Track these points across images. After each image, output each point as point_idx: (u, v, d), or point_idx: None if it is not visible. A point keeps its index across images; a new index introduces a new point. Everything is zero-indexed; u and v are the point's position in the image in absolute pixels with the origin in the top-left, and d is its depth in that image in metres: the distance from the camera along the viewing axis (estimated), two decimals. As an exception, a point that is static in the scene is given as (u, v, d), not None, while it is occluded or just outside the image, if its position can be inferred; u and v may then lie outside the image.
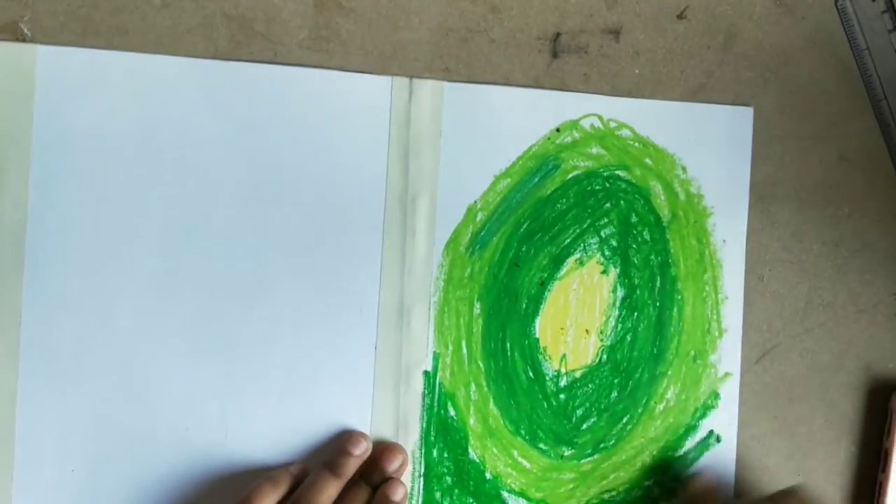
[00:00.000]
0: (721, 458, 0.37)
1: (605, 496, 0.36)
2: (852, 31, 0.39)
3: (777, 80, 0.39)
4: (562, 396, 0.36)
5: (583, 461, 0.36)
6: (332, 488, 0.32)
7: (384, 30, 0.36)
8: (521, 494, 0.36)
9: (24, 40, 0.33)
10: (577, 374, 0.36)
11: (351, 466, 0.33)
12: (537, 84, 0.37)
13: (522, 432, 0.36)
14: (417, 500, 0.35)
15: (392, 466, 0.33)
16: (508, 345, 0.36)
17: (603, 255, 0.37)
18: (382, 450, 0.34)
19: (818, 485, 0.38)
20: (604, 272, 0.37)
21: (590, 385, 0.36)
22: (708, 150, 0.37)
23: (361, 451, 0.33)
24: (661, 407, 0.37)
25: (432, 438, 0.35)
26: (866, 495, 0.38)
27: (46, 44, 0.33)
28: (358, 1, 0.36)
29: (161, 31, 0.34)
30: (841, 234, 0.39)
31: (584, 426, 0.36)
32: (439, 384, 0.35)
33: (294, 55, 0.35)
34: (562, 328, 0.36)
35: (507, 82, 0.37)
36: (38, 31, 0.33)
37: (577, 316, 0.36)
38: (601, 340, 0.36)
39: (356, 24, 0.36)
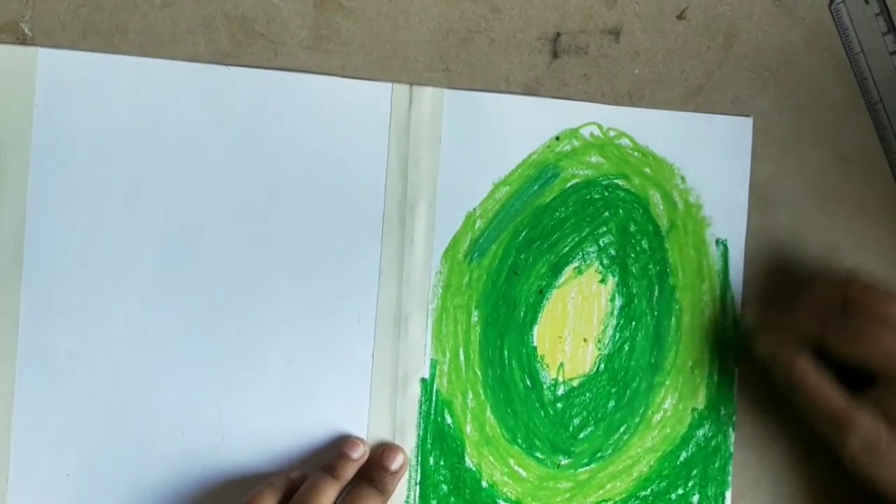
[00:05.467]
0: (720, 461, 0.45)
1: (601, 506, 0.44)
2: (847, 34, 0.46)
3: (776, 81, 0.46)
4: (559, 405, 0.44)
5: (579, 470, 0.44)
6: (330, 491, 0.39)
7: (384, 30, 0.44)
8: (517, 503, 0.44)
9: (24, 40, 0.41)
10: (575, 383, 0.44)
11: (349, 470, 0.41)
12: (537, 83, 0.45)
13: (519, 441, 0.44)
14: (414, 508, 0.43)
15: (394, 465, 0.41)
16: (506, 353, 0.44)
17: (601, 263, 0.45)
18: (383, 450, 0.42)
19: (819, 487, 0.46)
20: (602, 281, 0.45)
21: (587, 394, 0.44)
22: (707, 159, 0.45)
23: (359, 454, 0.41)
24: (658, 417, 0.45)
25: (429, 446, 0.43)
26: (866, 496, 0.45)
27: (47, 44, 0.41)
28: (358, 1, 0.43)
29: (161, 30, 0.42)
30: (841, 236, 0.46)
31: (581, 435, 0.44)
32: (436, 392, 0.43)
33: (294, 55, 0.43)
34: (560, 337, 0.44)
35: (508, 82, 0.44)
36: (39, 31, 0.41)
37: (575, 324, 0.44)
38: (599, 349, 0.45)
39: (356, 24, 0.43)
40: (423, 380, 0.44)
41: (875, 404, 0.39)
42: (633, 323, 0.45)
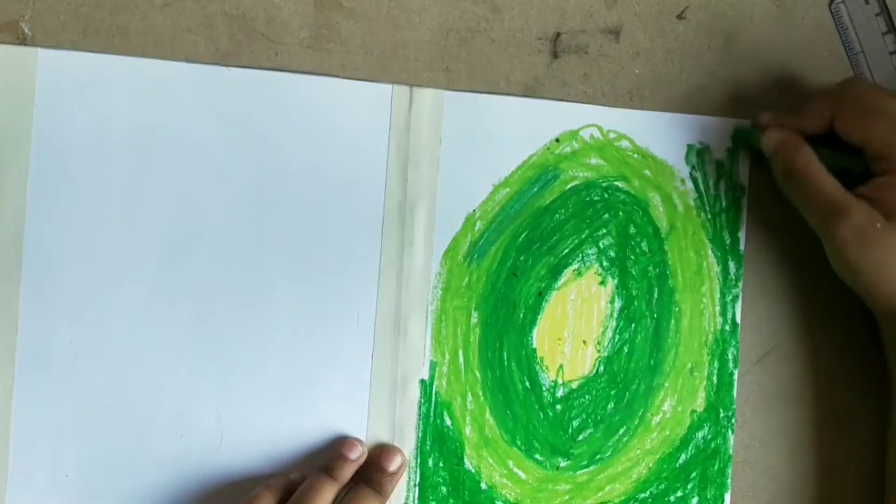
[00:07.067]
0: (720, 463, 0.47)
1: (600, 508, 0.46)
2: (847, 34, 0.48)
3: (776, 81, 0.48)
4: (558, 407, 0.46)
5: (578, 472, 0.46)
6: (328, 491, 0.41)
7: (385, 29, 0.45)
8: (516, 505, 0.45)
9: (24, 39, 0.42)
10: (574, 385, 0.46)
11: (347, 470, 0.43)
12: (537, 83, 0.47)
13: (518, 443, 0.46)
14: (413, 510, 0.45)
15: (392, 466, 0.43)
16: (505, 354, 0.46)
17: (601, 265, 0.47)
18: (381, 451, 0.44)
19: (818, 486, 0.48)
20: (602, 283, 0.47)
21: (586, 396, 0.46)
22: (707, 162, 0.47)
23: (357, 455, 0.43)
24: (657, 419, 0.47)
25: (428, 448, 0.45)
26: (866, 495, 0.48)
27: (47, 43, 0.42)
28: (358, 1, 0.45)
29: (162, 30, 0.43)
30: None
31: (581, 437, 0.46)
32: (436, 393, 0.45)
33: (295, 54, 0.45)
34: (559, 338, 0.46)
35: (508, 82, 0.46)
36: (39, 31, 0.42)
37: (574, 326, 0.46)
38: (598, 351, 0.47)
39: (357, 24, 0.45)
40: (422, 381, 0.45)
41: (871, 196, 0.42)
42: (633, 325, 0.47)
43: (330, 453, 0.44)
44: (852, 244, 0.41)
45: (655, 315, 0.47)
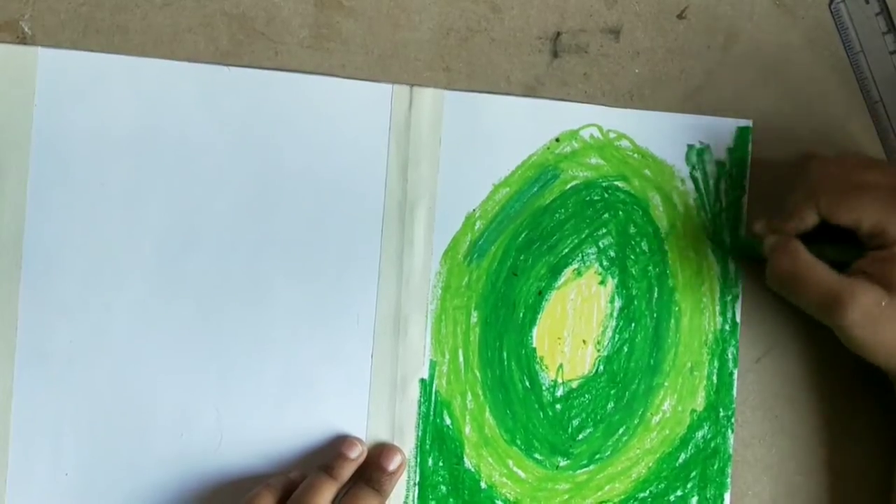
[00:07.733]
0: (719, 462, 0.47)
1: (600, 507, 0.47)
2: (846, 34, 0.48)
3: (776, 81, 0.48)
4: (558, 406, 0.46)
5: (578, 472, 0.46)
6: (328, 491, 0.42)
7: (385, 29, 0.46)
8: (516, 504, 0.46)
9: (24, 38, 0.42)
10: (574, 385, 0.47)
11: (347, 470, 0.43)
12: (538, 83, 0.48)
13: (518, 442, 0.46)
14: (413, 509, 0.45)
15: (392, 465, 0.44)
16: (505, 354, 0.46)
17: (601, 265, 0.47)
18: (381, 450, 0.44)
19: (818, 485, 0.48)
20: (601, 282, 0.47)
21: (586, 395, 0.47)
22: (707, 161, 0.48)
23: (357, 454, 0.43)
24: (657, 418, 0.47)
25: (428, 447, 0.45)
26: (866, 494, 0.48)
27: (47, 43, 0.43)
28: (358, 0, 0.45)
29: (162, 29, 0.44)
30: (841, 234, 0.48)
31: (580, 437, 0.46)
32: (435, 392, 0.45)
33: (295, 54, 0.45)
34: (559, 338, 0.47)
35: (508, 81, 0.47)
36: (39, 30, 0.43)
37: (574, 326, 0.47)
38: (598, 351, 0.47)
39: (357, 24, 0.45)
40: (422, 381, 0.46)
41: (870, 271, 0.42)
42: (633, 324, 0.48)
43: (330, 452, 0.44)
44: (861, 326, 0.41)
45: (655, 315, 0.48)
